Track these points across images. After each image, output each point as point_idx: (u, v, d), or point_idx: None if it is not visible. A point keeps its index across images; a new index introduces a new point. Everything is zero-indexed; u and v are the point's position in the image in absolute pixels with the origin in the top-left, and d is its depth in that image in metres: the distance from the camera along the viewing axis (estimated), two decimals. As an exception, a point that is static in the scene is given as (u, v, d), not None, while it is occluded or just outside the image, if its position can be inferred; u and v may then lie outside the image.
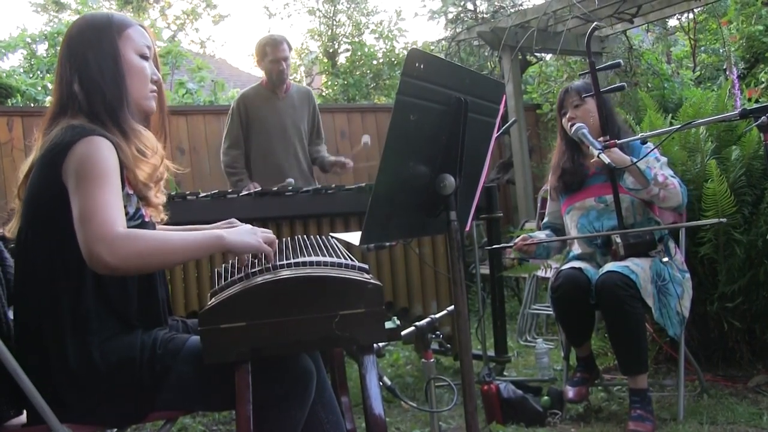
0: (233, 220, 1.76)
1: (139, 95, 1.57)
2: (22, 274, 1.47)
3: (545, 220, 2.96)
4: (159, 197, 1.59)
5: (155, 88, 1.61)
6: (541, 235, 2.84)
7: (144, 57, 1.58)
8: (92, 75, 1.51)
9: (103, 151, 1.40)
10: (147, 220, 1.55)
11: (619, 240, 2.55)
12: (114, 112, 1.50)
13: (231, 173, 3.72)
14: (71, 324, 1.41)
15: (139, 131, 1.54)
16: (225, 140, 3.77)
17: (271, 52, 3.66)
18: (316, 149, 3.89)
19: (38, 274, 1.43)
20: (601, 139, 2.53)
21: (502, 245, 3.09)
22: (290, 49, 3.78)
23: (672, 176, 2.57)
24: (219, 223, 1.76)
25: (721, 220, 2.40)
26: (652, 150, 2.52)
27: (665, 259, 2.54)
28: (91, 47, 1.52)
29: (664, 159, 2.66)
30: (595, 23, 2.84)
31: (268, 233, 1.54)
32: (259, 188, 3.48)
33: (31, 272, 1.45)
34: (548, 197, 2.94)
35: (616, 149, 2.49)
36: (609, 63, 2.95)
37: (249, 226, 1.57)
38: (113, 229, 1.33)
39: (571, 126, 2.61)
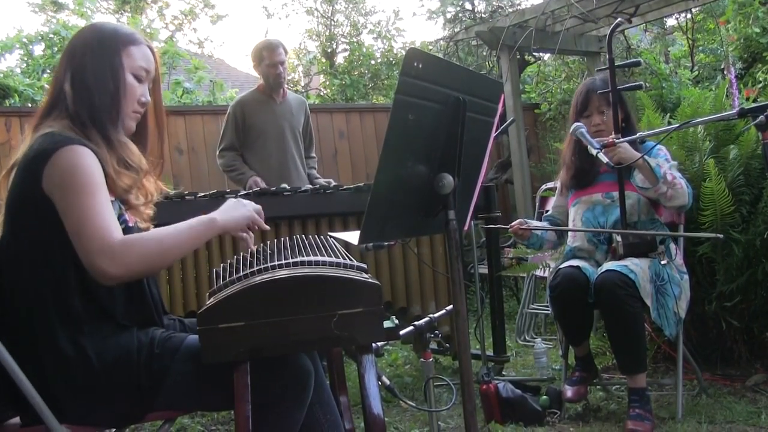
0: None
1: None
2: (9, 283, 1.45)
3: (548, 212, 2.94)
4: (140, 200, 1.58)
5: (140, 109, 1.59)
6: (538, 224, 2.83)
7: (138, 78, 1.56)
8: (86, 79, 1.51)
9: (85, 159, 1.40)
10: (131, 225, 1.53)
11: (619, 239, 2.54)
12: (101, 120, 1.50)
13: (230, 170, 3.75)
14: (64, 327, 1.40)
15: (124, 143, 1.53)
16: (221, 143, 3.79)
17: (268, 56, 3.67)
18: (307, 160, 3.93)
19: (24, 283, 1.42)
20: (612, 136, 2.51)
21: (499, 226, 3.06)
22: (286, 53, 3.80)
23: (680, 177, 2.55)
24: None
25: (718, 236, 2.35)
26: (654, 145, 2.48)
27: (664, 262, 2.53)
28: (92, 52, 1.52)
29: (674, 162, 2.66)
30: (618, 19, 2.82)
31: (255, 205, 1.58)
32: (262, 183, 3.49)
33: (17, 282, 1.43)
34: (557, 191, 2.91)
35: (626, 144, 2.47)
36: (629, 61, 2.93)
37: (233, 200, 1.59)
38: (110, 239, 1.35)
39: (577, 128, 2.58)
